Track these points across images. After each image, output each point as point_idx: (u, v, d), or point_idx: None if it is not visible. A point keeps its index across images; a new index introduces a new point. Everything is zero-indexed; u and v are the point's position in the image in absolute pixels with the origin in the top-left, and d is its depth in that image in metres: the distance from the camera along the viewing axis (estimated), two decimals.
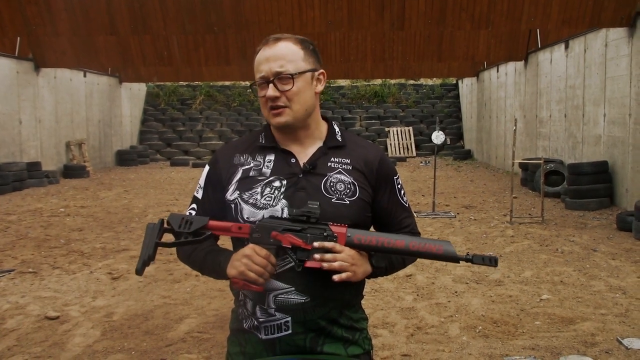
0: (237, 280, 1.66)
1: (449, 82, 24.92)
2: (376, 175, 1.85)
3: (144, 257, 1.69)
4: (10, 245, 8.01)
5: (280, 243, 1.68)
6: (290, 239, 1.68)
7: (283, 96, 1.75)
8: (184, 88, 24.73)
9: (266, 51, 1.78)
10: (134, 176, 17.58)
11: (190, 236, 1.72)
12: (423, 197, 12.24)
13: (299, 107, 1.78)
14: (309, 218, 1.68)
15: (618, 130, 10.31)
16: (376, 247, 1.70)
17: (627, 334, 4.56)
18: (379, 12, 10.86)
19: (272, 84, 1.75)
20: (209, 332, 4.73)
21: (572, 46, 12.63)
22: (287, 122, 1.77)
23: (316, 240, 1.67)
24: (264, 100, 1.78)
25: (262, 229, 1.69)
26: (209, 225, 1.73)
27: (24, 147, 14.94)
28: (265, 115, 1.81)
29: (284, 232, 1.68)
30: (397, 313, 5.14)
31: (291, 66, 1.75)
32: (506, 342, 4.45)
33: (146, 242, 1.71)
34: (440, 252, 1.68)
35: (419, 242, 1.69)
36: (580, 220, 9.47)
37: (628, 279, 6.12)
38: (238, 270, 1.65)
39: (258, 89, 1.79)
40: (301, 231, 1.68)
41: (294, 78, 1.75)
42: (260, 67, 1.77)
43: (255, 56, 1.83)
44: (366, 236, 1.69)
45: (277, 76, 1.74)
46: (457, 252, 1.67)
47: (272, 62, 1.75)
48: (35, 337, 4.63)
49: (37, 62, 15.52)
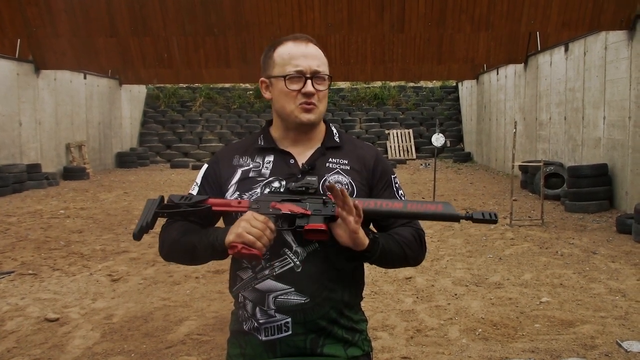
0: (236, 243, 1.63)
1: (448, 85, 24.94)
2: (373, 174, 1.87)
3: (142, 223, 1.71)
4: (10, 247, 8.00)
5: (280, 211, 1.69)
6: (289, 207, 1.69)
7: (316, 95, 1.79)
8: (184, 90, 24.74)
9: (301, 48, 1.80)
10: (133, 178, 17.58)
11: (190, 207, 1.74)
12: (423, 200, 12.24)
13: (323, 108, 1.84)
14: (307, 189, 1.71)
15: (618, 133, 10.32)
16: (374, 210, 1.70)
17: (626, 336, 4.56)
18: (378, 14, 10.87)
19: (310, 81, 1.78)
20: (208, 334, 4.73)
21: (571, 49, 12.65)
22: (315, 120, 1.81)
23: (316, 208, 1.67)
24: (293, 94, 1.78)
25: (261, 201, 1.72)
26: (209, 200, 1.76)
27: (24, 149, 14.94)
28: (289, 110, 1.80)
29: (282, 202, 1.71)
30: (396, 315, 5.14)
31: (325, 69, 1.82)
32: (506, 344, 4.44)
33: (145, 211, 1.74)
34: (439, 210, 1.68)
35: (417, 203, 1.70)
36: (580, 222, 9.47)
37: (628, 281, 6.12)
38: (236, 233, 1.63)
39: (287, 82, 1.79)
40: (300, 201, 1.70)
41: (329, 80, 1.82)
42: (295, 62, 1.78)
43: (273, 49, 1.84)
44: (365, 202, 1.70)
45: (316, 74, 1.78)
46: (456, 211, 1.67)
47: (311, 60, 1.79)
48: (34, 339, 4.63)
49: (37, 63, 15.52)
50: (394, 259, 1.79)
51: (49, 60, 15.58)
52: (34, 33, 11.53)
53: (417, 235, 1.84)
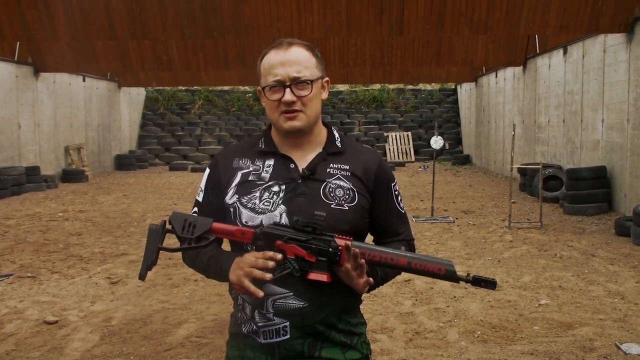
0: (238, 286, 1.69)
1: (447, 87, 24.95)
2: (374, 181, 1.86)
3: (147, 263, 1.69)
4: (9, 249, 8.00)
5: (285, 253, 1.68)
6: (294, 249, 1.67)
7: (299, 101, 1.76)
8: (183, 93, 24.75)
9: (280, 55, 1.78)
10: (132, 181, 17.57)
11: (194, 242, 1.71)
12: (422, 202, 12.24)
13: (312, 113, 1.80)
14: (314, 229, 1.68)
15: (616, 136, 10.33)
16: (379, 262, 1.71)
17: (625, 339, 4.56)
18: (377, 17, 10.89)
19: (289, 89, 1.75)
20: (207, 336, 4.73)
21: (570, 52, 12.67)
22: (300, 127, 1.78)
23: (320, 253, 1.67)
24: (275, 104, 1.78)
25: (266, 236, 1.69)
26: (212, 228, 1.72)
27: (23, 152, 14.94)
28: (275, 119, 1.80)
29: (288, 241, 1.67)
30: (395, 318, 5.14)
31: (307, 72, 1.77)
32: (505, 347, 4.45)
33: (149, 247, 1.71)
34: (442, 272, 1.69)
35: (421, 261, 1.70)
36: (579, 225, 9.48)
37: (626, 284, 6.13)
38: (237, 278, 1.68)
39: (268, 92, 1.78)
40: (305, 242, 1.67)
41: (312, 84, 1.78)
42: (274, 71, 1.77)
43: (261, 59, 1.83)
44: (370, 251, 1.69)
45: (295, 81, 1.76)
46: (457, 273, 1.69)
47: (289, 66, 1.76)
48: (33, 342, 4.63)
49: (36, 66, 15.53)
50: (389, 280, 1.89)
51: (48, 63, 15.58)
52: (33, 36, 11.53)
53: (409, 249, 1.90)
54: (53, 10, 11.07)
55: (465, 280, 1.68)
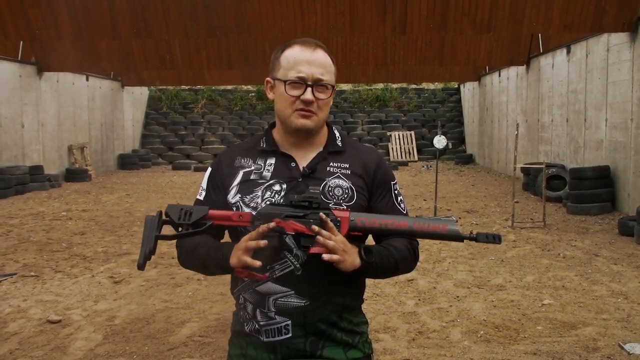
0: (240, 269, 1.68)
1: (450, 87, 24.94)
2: (373, 179, 1.87)
3: (145, 252, 1.69)
4: (13, 248, 8.02)
5: (284, 230, 1.68)
6: (293, 225, 1.68)
7: (315, 103, 1.78)
8: (186, 92, 24.77)
9: (307, 53, 1.79)
10: (135, 180, 17.60)
11: (191, 227, 1.72)
12: (425, 202, 12.23)
13: (323, 116, 1.83)
14: (310, 204, 1.69)
15: (620, 135, 10.31)
16: (380, 229, 1.71)
17: (629, 339, 4.55)
18: (380, 16, 10.88)
19: (310, 89, 1.77)
20: (210, 336, 4.74)
21: (574, 51, 12.64)
22: (311, 127, 1.81)
23: (319, 226, 1.67)
24: (292, 99, 1.79)
25: (264, 217, 1.70)
26: (209, 214, 1.73)
27: (27, 151, 14.97)
28: (286, 114, 1.81)
29: (286, 219, 1.68)
30: (398, 318, 5.14)
31: (329, 77, 1.81)
32: (508, 347, 4.44)
33: (146, 236, 1.72)
34: (444, 231, 1.70)
35: (422, 222, 1.71)
36: (582, 225, 9.46)
37: (630, 284, 6.11)
38: (240, 259, 1.67)
39: (288, 86, 1.79)
40: (304, 217, 1.69)
41: (332, 89, 1.82)
42: (299, 67, 1.78)
43: (282, 50, 1.83)
44: (369, 219, 1.71)
45: (318, 83, 1.78)
46: (460, 231, 1.69)
47: (315, 67, 1.78)
48: (37, 341, 4.64)
49: (39, 66, 15.56)
50: (386, 273, 1.83)
51: (51, 63, 15.61)
52: (36, 35, 11.55)
53: (412, 248, 1.87)
54: (56, 9, 11.09)
55: (469, 238, 1.68)
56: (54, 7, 11.07)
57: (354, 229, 1.70)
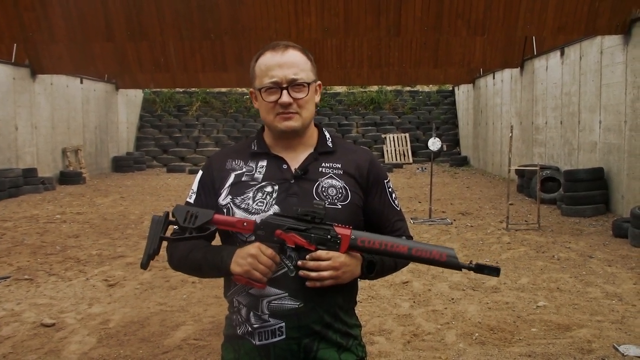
0: (241, 277, 1.69)
1: (445, 89, 24.98)
2: (367, 178, 1.87)
3: (149, 251, 1.71)
4: (6, 252, 7.98)
5: (284, 242, 1.69)
6: (294, 238, 1.69)
7: (295, 103, 1.78)
8: (181, 94, 24.74)
9: (277, 57, 1.79)
10: (130, 182, 17.55)
11: (195, 231, 1.73)
12: (419, 204, 12.25)
13: (307, 115, 1.82)
14: (313, 218, 1.69)
15: (614, 137, 10.35)
16: (379, 250, 1.71)
17: (623, 340, 4.56)
18: (375, 18, 10.89)
19: (285, 91, 1.77)
20: (205, 339, 4.72)
21: (567, 53, 12.69)
22: (296, 127, 1.80)
23: (320, 242, 1.68)
24: (270, 105, 1.79)
25: (267, 226, 1.71)
26: (214, 219, 1.74)
27: (20, 154, 14.91)
28: (270, 121, 1.82)
29: (288, 231, 1.69)
30: (393, 320, 5.14)
31: (304, 75, 1.80)
32: (503, 349, 4.45)
33: (151, 236, 1.74)
34: (443, 259, 1.68)
35: (422, 248, 1.69)
36: (576, 226, 9.49)
37: (624, 285, 6.13)
38: (243, 268, 1.68)
39: (264, 94, 1.80)
40: (305, 231, 1.69)
41: (309, 87, 1.80)
42: (271, 73, 1.78)
43: (255, 60, 1.84)
44: (370, 239, 1.70)
45: (292, 83, 1.78)
46: (459, 260, 1.68)
47: (286, 69, 1.78)
48: (30, 345, 4.61)
49: (33, 68, 15.51)
50: (384, 274, 1.87)
51: (45, 65, 15.56)
52: (30, 38, 11.51)
53: None
54: (50, 12, 11.05)
55: (467, 267, 1.67)
56: (48, 10, 11.04)
57: (354, 248, 1.70)
